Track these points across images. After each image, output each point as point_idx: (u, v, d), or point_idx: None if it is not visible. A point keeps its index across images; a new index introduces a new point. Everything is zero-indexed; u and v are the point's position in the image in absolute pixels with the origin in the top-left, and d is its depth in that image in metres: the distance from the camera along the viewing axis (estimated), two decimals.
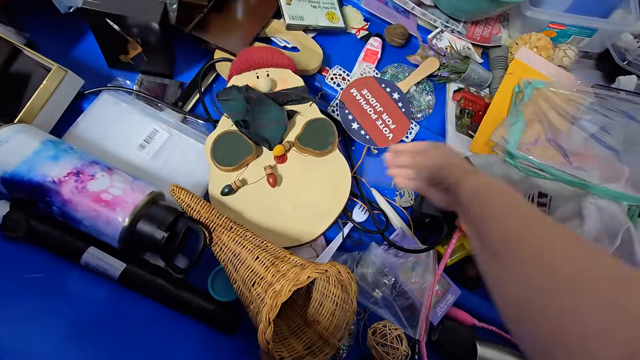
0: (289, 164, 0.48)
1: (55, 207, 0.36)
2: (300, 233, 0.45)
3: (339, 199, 0.48)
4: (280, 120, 0.48)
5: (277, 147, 0.46)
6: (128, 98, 0.48)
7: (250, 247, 0.37)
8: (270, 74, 0.50)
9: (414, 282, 0.46)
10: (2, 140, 0.36)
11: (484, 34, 0.67)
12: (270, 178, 0.45)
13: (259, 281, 0.34)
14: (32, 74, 0.44)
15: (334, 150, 0.49)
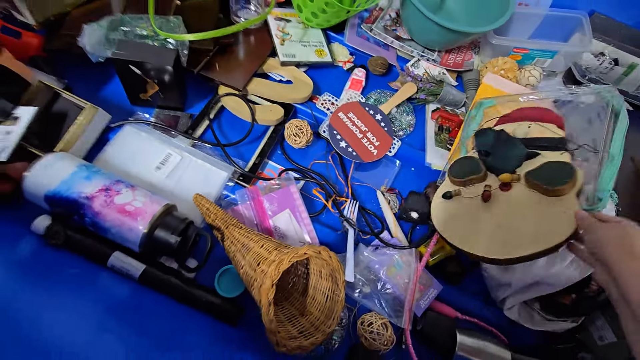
0: (511, 194, 0.50)
1: (88, 219, 0.43)
2: (494, 248, 0.46)
3: (540, 240, 0.43)
4: (519, 157, 0.52)
5: (505, 175, 0.51)
6: (146, 129, 0.56)
7: (256, 239, 0.43)
8: (531, 126, 0.56)
9: (398, 279, 0.51)
10: (47, 165, 0.44)
11: (456, 60, 0.76)
12: (485, 193, 0.51)
13: (263, 261, 0.40)
14: (68, 111, 0.53)
15: (565, 194, 0.46)
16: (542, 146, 0.53)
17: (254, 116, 0.60)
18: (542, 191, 0.48)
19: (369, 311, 0.48)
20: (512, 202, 0.50)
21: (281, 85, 0.66)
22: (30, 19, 0.55)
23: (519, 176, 0.51)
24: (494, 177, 0.54)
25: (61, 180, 0.44)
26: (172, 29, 0.59)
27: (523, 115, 0.60)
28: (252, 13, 0.71)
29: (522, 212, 0.48)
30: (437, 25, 0.66)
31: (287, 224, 0.53)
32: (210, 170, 0.54)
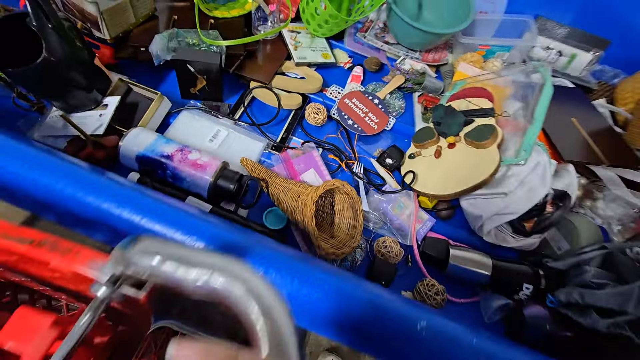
0: (455, 150, 0.69)
1: (169, 171, 0.58)
2: (440, 188, 0.66)
3: (475, 177, 0.63)
4: (459, 123, 0.71)
5: (450, 137, 0.70)
6: (198, 113, 0.72)
7: (293, 182, 0.58)
8: (470, 101, 0.74)
9: (401, 215, 0.66)
10: (135, 135, 0.59)
11: (435, 57, 0.95)
12: (436, 152, 0.70)
13: (302, 193, 0.55)
14: (139, 100, 0.69)
15: (490, 146, 0.65)
16: (476, 115, 0.72)
17: (280, 102, 0.76)
18: (475, 146, 0.67)
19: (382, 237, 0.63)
20: (455, 156, 0.69)
21: (297, 80, 0.83)
22: (106, 35, 0.72)
23: (460, 137, 0.69)
24: (443, 140, 0.72)
25: (147, 145, 0.59)
26: (213, 39, 0.76)
27: (465, 94, 0.78)
28: (268, 27, 0.89)
29: (461, 162, 0.67)
30: (417, 30, 0.84)
31: (313, 179, 0.68)
32: (250, 142, 0.70)
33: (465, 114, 0.72)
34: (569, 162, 0.67)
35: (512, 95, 0.79)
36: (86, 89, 0.62)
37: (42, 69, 0.55)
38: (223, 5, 0.90)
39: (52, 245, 0.28)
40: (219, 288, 0.22)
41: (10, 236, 0.28)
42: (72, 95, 0.61)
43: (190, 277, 0.22)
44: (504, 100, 0.77)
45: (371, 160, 0.75)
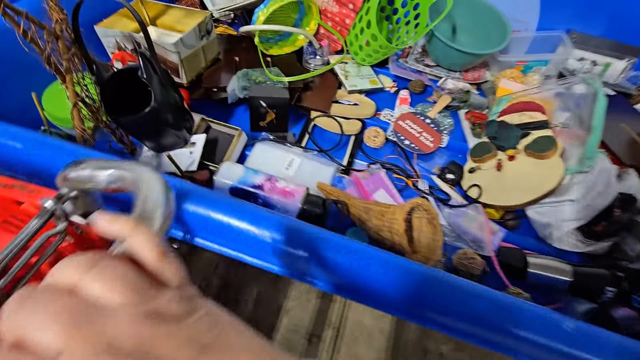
0: (516, 162, 0.73)
1: (260, 200, 0.63)
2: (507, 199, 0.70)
3: (542, 187, 0.67)
4: (516, 137, 0.75)
5: (509, 150, 0.75)
6: (270, 144, 0.78)
7: (372, 202, 0.63)
8: (523, 115, 0.79)
9: (473, 226, 0.69)
10: (227, 169, 0.65)
11: (474, 76, 1.00)
12: (498, 165, 0.74)
13: (385, 212, 0.59)
14: (219, 136, 0.75)
15: (552, 157, 0.69)
16: (532, 127, 0.76)
17: (342, 128, 0.82)
18: (537, 157, 0.71)
19: (459, 249, 0.66)
20: (517, 168, 0.72)
21: (352, 107, 0.89)
22: (184, 79, 0.79)
23: (519, 150, 0.73)
24: (501, 153, 0.76)
25: (239, 177, 0.64)
26: (275, 75, 0.83)
27: (516, 109, 0.82)
28: (318, 60, 0.96)
29: (525, 173, 0.71)
30: (459, 51, 0.90)
31: (384, 198, 0.72)
32: (321, 167, 0.75)
33: (521, 127, 0.76)
34: (630, 167, 0.70)
35: (559, 107, 0.84)
36: (177, 129, 0.69)
37: (147, 116, 0.61)
38: (276, 44, 0.98)
39: (20, 187, 0.37)
40: (121, 176, 0.29)
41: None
42: (166, 136, 0.67)
43: (103, 175, 0.30)
44: (552, 112, 0.82)
45: (432, 177, 0.80)
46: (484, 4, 0.99)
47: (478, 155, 0.79)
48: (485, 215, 0.71)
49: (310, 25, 0.95)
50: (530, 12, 1.01)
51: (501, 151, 0.77)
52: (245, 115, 0.85)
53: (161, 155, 0.71)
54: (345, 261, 0.46)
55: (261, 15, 0.85)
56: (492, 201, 0.71)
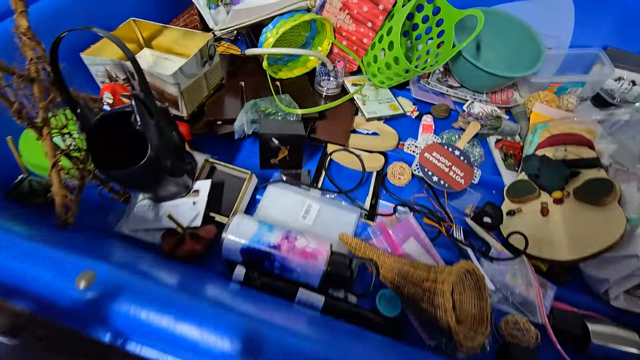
0: (565, 207, 0.64)
1: (277, 262, 0.54)
2: (558, 252, 0.60)
3: (600, 240, 0.56)
4: (564, 177, 0.65)
5: (556, 192, 0.65)
6: (283, 186, 0.68)
7: (407, 262, 0.54)
8: (568, 149, 0.69)
9: (519, 284, 0.60)
10: (238, 224, 0.56)
11: (503, 98, 0.91)
12: (544, 209, 0.65)
13: (424, 276, 0.50)
14: (225, 179, 0.66)
15: (610, 204, 0.58)
16: (581, 165, 0.67)
17: (364, 165, 0.73)
18: (590, 203, 0.61)
19: (505, 314, 0.57)
20: (567, 214, 0.63)
21: (372, 137, 0.80)
22: (184, 112, 0.70)
23: (567, 192, 0.64)
24: (545, 194, 0.67)
25: (252, 235, 0.55)
26: (288, 105, 0.74)
27: (557, 141, 0.74)
28: (332, 83, 0.87)
29: (578, 221, 0.61)
30: (489, 74, 0.81)
31: (415, 249, 0.63)
32: (342, 213, 0.66)
33: (568, 165, 0.67)
34: None
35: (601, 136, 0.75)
36: (177, 175, 0.59)
37: (143, 167, 0.52)
38: (285, 65, 0.88)
39: None
40: None
41: None
42: (165, 185, 0.58)
43: None
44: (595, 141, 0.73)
45: (467, 220, 0.71)
46: (513, 20, 0.90)
47: (518, 195, 0.70)
48: (533, 270, 0.62)
49: (323, 45, 0.86)
50: (563, 27, 0.92)
51: (545, 192, 0.68)
52: (253, 150, 0.76)
53: (159, 204, 0.61)
54: None
55: (270, 36, 0.76)
56: (538, 252, 0.63)
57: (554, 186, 0.66)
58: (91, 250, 0.44)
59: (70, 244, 0.43)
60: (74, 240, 0.46)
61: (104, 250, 0.48)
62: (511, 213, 0.69)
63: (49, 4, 0.68)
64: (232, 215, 0.58)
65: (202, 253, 0.57)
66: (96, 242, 0.52)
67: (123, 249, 0.55)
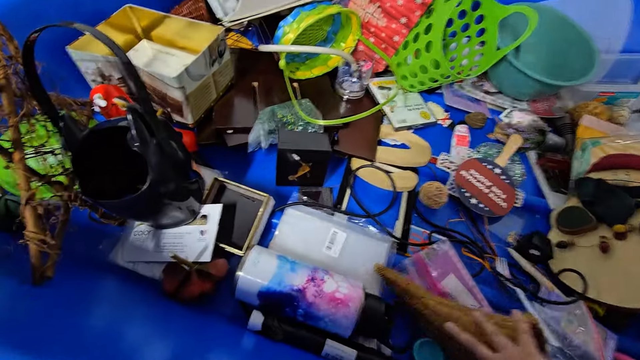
0: (630, 244, 0.55)
1: (301, 310, 0.45)
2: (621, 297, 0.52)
3: None
4: (627, 207, 0.56)
5: (619, 226, 0.55)
6: (303, 209, 0.59)
7: (453, 306, 0.45)
8: (630, 174, 0.60)
9: (577, 332, 0.52)
10: (255, 261, 0.47)
11: (544, 107, 0.82)
12: (603, 245, 0.55)
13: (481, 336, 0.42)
14: (237, 201, 0.57)
15: None
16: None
17: (395, 184, 0.64)
18: None
19: None
20: (632, 251, 0.54)
21: (403, 151, 0.70)
22: (189, 119, 0.60)
23: (630, 226, 0.55)
24: (604, 226, 0.58)
25: (271, 276, 0.46)
26: (309, 113, 0.64)
27: (616, 163, 0.64)
28: (355, 85, 0.77)
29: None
30: (534, 80, 0.72)
31: (455, 287, 0.55)
32: (372, 243, 0.57)
33: (632, 194, 0.58)
34: None
35: None
36: (182, 199, 0.50)
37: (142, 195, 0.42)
38: (303, 64, 0.78)
39: None
40: None
41: None
42: (166, 212, 0.49)
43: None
44: None
45: (509, 251, 0.62)
46: (561, 18, 0.80)
47: (570, 225, 0.61)
48: (591, 316, 0.54)
49: (347, 41, 0.75)
50: (615, 28, 0.82)
51: (604, 224, 0.59)
52: (268, 162, 0.66)
53: (158, 232, 0.52)
54: None
55: (289, 31, 0.65)
56: (597, 296, 0.54)
57: (615, 218, 0.58)
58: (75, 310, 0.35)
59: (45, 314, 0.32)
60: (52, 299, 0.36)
61: (93, 302, 0.39)
62: (562, 245, 0.61)
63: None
64: (246, 249, 0.49)
65: (211, 294, 0.48)
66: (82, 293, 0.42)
67: (118, 289, 0.47)
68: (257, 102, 0.67)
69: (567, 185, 0.70)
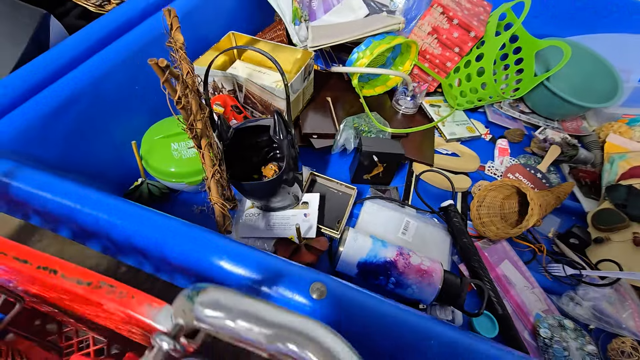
0: None
1: (393, 278, 0.55)
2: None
3: None
4: None
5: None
6: (378, 202, 0.70)
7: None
8: None
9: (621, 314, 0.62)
10: (353, 239, 0.57)
11: (574, 126, 0.94)
12: (636, 239, 0.66)
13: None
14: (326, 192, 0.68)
15: None
16: None
17: (454, 185, 0.75)
18: None
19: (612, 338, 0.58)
20: None
21: (455, 158, 0.82)
22: None
23: None
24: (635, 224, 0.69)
25: (368, 250, 0.57)
26: (382, 124, 0.76)
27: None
28: (409, 102, 0.89)
29: None
30: (566, 101, 0.84)
31: (511, 272, 0.65)
32: (438, 232, 0.67)
33: None
34: None
35: None
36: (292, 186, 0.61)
37: (276, 181, 0.54)
38: (367, 83, 0.91)
39: (110, 289, 0.28)
40: (294, 351, 0.20)
41: (69, 277, 0.28)
42: (281, 196, 0.60)
43: (263, 337, 0.21)
44: None
45: (555, 240, 0.72)
46: (587, 51, 0.93)
47: (605, 223, 0.71)
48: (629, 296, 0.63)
49: (404, 66, 0.89)
50: (633, 63, 0.95)
51: (635, 222, 0.70)
52: (340, 163, 0.78)
53: (267, 214, 0.63)
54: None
55: (363, 57, 0.78)
56: (634, 282, 0.64)
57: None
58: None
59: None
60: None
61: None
62: (599, 240, 0.71)
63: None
64: (341, 229, 0.60)
65: (315, 264, 0.59)
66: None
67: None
68: (332, 113, 0.80)
69: (598, 192, 0.81)
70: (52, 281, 0.27)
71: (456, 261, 0.67)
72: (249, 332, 0.21)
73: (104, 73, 0.55)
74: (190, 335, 0.24)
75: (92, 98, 0.54)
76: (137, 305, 0.26)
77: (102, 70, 0.55)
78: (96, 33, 0.59)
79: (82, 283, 0.27)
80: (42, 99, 0.49)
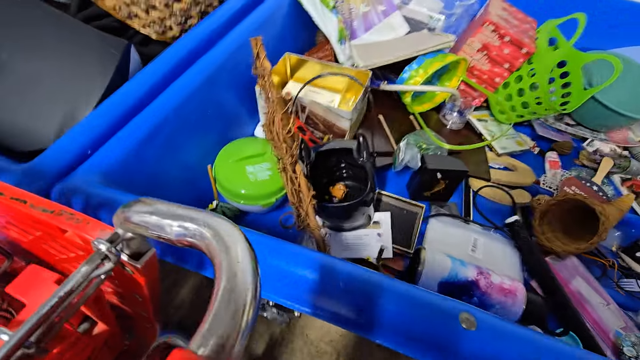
0: None
1: (476, 298, 0.55)
2: None
3: None
4: None
5: None
6: (444, 219, 0.70)
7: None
8: None
9: None
10: (433, 259, 0.57)
11: (620, 137, 0.94)
12: None
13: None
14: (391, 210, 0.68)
15: None
16: None
17: (514, 200, 0.75)
18: None
19: None
20: None
21: (511, 173, 0.82)
22: None
23: None
24: None
25: (449, 270, 0.56)
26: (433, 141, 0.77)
27: None
28: (456, 117, 0.90)
29: None
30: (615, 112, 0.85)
31: (583, 288, 0.64)
32: (506, 248, 0.67)
33: None
34: None
35: None
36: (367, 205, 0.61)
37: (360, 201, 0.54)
38: (414, 100, 0.92)
39: (69, 215, 0.30)
40: (194, 235, 0.24)
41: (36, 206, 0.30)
42: (356, 216, 0.60)
43: (172, 227, 0.25)
44: None
45: (619, 254, 0.72)
46: (630, 62, 0.94)
47: None
48: None
49: (452, 82, 0.90)
50: None
51: None
52: (397, 181, 0.78)
53: (338, 234, 0.63)
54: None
55: (416, 75, 0.80)
56: None
57: None
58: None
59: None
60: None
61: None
62: None
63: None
64: (413, 247, 0.60)
65: None
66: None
67: None
68: (387, 131, 0.81)
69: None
70: (24, 210, 0.30)
71: (526, 278, 0.66)
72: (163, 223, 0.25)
73: (185, 98, 0.56)
74: (134, 256, 0.29)
75: (176, 123, 0.55)
76: (91, 230, 0.29)
77: (183, 95, 0.56)
78: (170, 60, 0.60)
79: (47, 211, 0.30)
80: (135, 127, 0.50)
